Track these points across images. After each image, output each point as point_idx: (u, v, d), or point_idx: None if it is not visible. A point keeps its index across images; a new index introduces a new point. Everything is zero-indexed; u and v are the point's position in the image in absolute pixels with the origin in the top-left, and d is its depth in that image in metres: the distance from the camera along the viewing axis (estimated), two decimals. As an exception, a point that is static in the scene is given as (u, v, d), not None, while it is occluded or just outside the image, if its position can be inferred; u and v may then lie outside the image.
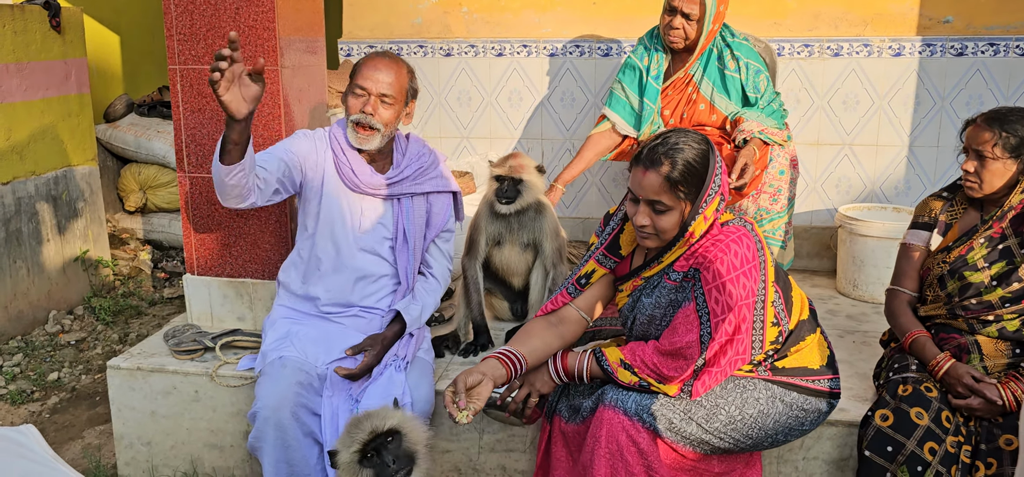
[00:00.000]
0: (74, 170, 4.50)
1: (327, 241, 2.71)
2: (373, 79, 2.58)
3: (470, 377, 2.11)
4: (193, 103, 2.99)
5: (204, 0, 2.90)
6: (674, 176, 2.05)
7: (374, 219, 2.72)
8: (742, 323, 2.09)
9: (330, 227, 2.70)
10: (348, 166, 2.67)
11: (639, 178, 2.10)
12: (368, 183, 2.68)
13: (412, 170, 2.75)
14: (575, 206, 4.54)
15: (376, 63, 2.61)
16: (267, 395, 2.46)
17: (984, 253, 2.42)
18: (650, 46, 3.45)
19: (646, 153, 2.10)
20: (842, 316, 3.56)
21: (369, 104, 2.59)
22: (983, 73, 4.03)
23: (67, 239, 4.46)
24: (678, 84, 3.40)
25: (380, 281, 2.77)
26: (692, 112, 3.39)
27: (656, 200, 2.08)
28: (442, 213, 2.82)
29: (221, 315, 3.20)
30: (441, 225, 2.83)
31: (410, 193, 2.74)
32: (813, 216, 4.31)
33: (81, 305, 4.55)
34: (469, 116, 4.52)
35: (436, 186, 2.79)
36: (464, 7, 4.43)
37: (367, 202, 2.72)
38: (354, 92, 2.61)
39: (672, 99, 3.42)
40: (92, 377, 3.90)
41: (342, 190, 2.70)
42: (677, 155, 2.06)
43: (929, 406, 2.25)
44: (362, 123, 2.60)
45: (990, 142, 2.36)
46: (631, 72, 3.46)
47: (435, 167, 2.81)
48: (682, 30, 3.25)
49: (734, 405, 2.19)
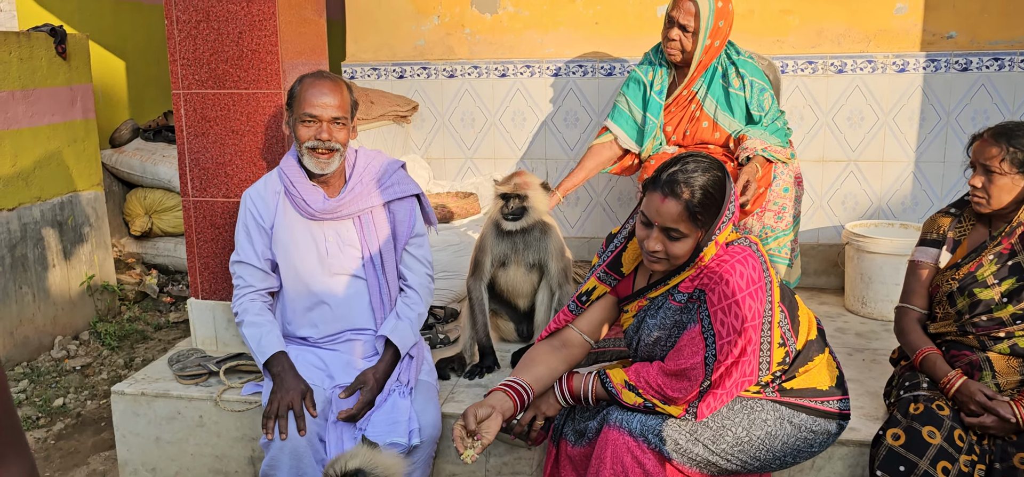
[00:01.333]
0: (80, 195, 4.50)
1: (294, 279, 2.68)
2: (321, 105, 2.53)
3: (480, 410, 2.09)
4: (196, 127, 3.00)
5: (207, 25, 2.91)
6: (694, 205, 2.02)
7: (340, 242, 2.67)
8: (748, 345, 2.07)
9: (293, 266, 2.67)
10: (300, 197, 2.62)
11: (656, 204, 2.06)
12: (322, 208, 2.62)
13: (364, 184, 2.68)
14: (581, 226, 4.53)
15: (321, 87, 2.55)
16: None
17: (994, 270, 2.39)
18: (655, 61, 3.45)
19: (665, 179, 2.06)
20: (851, 334, 3.53)
21: (323, 130, 2.53)
22: (988, 88, 4.02)
23: (73, 264, 4.46)
24: (681, 100, 3.40)
25: (363, 301, 2.71)
26: (695, 129, 3.39)
27: (672, 227, 2.05)
28: (407, 220, 2.73)
29: (226, 339, 3.19)
30: (408, 232, 2.74)
31: (368, 207, 2.68)
32: (820, 233, 4.28)
33: (87, 330, 4.54)
34: (473, 137, 4.52)
35: (395, 193, 2.71)
36: (467, 28, 4.44)
37: (329, 227, 2.67)
38: (303, 121, 2.54)
39: (675, 115, 3.41)
40: (98, 403, 3.89)
41: (299, 222, 2.66)
42: (696, 183, 2.03)
43: (941, 424, 2.21)
44: (319, 148, 2.55)
45: (997, 157, 2.34)
46: (635, 86, 3.45)
47: (390, 174, 2.72)
48: (679, 42, 3.25)
49: (741, 426, 2.16)
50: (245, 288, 2.68)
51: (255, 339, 2.58)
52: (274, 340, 2.57)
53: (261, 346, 2.56)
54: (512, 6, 4.38)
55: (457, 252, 3.71)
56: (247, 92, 2.94)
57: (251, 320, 2.62)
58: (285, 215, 2.66)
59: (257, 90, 2.94)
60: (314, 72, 2.62)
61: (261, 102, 2.95)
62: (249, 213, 2.68)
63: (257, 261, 2.67)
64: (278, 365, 2.51)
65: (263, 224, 2.67)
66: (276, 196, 2.68)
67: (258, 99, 2.94)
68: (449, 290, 3.73)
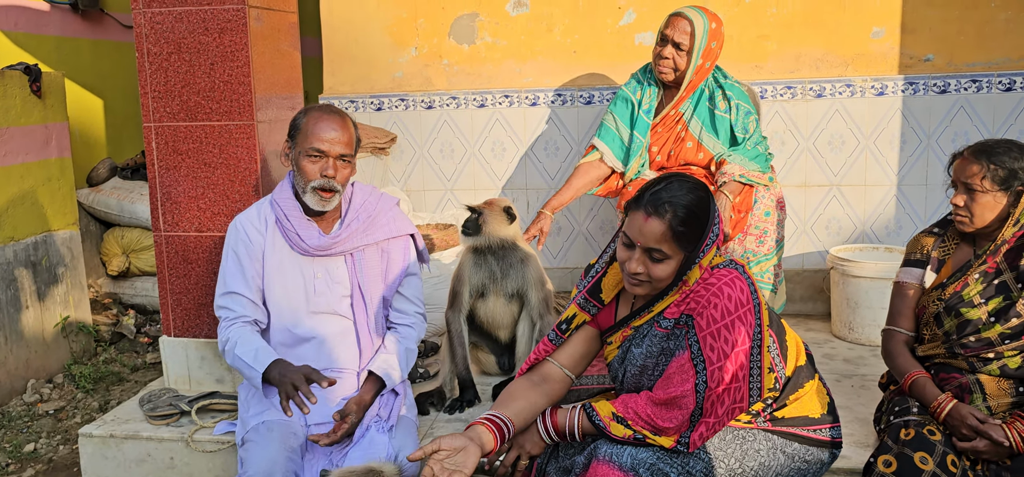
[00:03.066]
0: (54, 235, 4.43)
1: (277, 314, 2.61)
2: (329, 141, 2.47)
3: (455, 441, 2.00)
4: (168, 160, 2.95)
5: (178, 57, 2.87)
6: (677, 225, 1.97)
7: (329, 279, 2.61)
8: (739, 370, 2.01)
9: (278, 301, 2.60)
10: (293, 230, 2.55)
11: (639, 223, 2.00)
12: (317, 245, 2.56)
13: (361, 221, 2.62)
14: (562, 256, 4.49)
15: (329, 122, 2.49)
16: (258, 461, 2.35)
17: (980, 289, 2.36)
18: (643, 80, 3.45)
19: (649, 198, 2.01)
20: (839, 360, 3.49)
21: (330, 167, 2.48)
22: (967, 110, 4.02)
23: (47, 305, 4.37)
24: (668, 121, 3.39)
25: (347, 340, 2.65)
26: (679, 150, 3.37)
27: (655, 248, 1.99)
28: (400, 260, 2.69)
29: (199, 377, 3.11)
30: (402, 272, 2.69)
31: (362, 245, 2.62)
32: (805, 259, 4.26)
33: (61, 373, 4.44)
34: (452, 168, 4.49)
35: (389, 232, 2.66)
36: (445, 59, 4.42)
37: (319, 264, 2.61)
38: (309, 155, 2.47)
39: (661, 136, 3.40)
40: (70, 448, 3.78)
41: (289, 257, 2.60)
42: (680, 202, 1.98)
43: (933, 450, 2.16)
44: (325, 188, 2.49)
45: (978, 175, 2.32)
46: (623, 104, 3.44)
47: (385, 213, 2.68)
48: (672, 60, 3.25)
49: (734, 458, 2.10)
50: (234, 318, 2.57)
51: (249, 354, 2.46)
52: (269, 353, 2.47)
53: (258, 359, 2.45)
54: (490, 36, 4.37)
55: (437, 285, 3.65)
56: (219, 124, 2.90)
57: (243, 339, 2.51)
58: (274, 247, 2.60)
59: (230, 122, 2.89)
60: (321, 105, 2.57)
61: (234, 134, 2.90)
62: (240, 241, 2.59)
63: (248, 292, 2.58)
64: (276, 370, 2.41)
65: (254, 253, 2.59)
66: (267, 225, 2.60)
67: (231, 131, 2.90)
68: (429, 323, 3.66)
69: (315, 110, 2.53)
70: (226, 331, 2.56)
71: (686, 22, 3.21)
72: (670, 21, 3.26)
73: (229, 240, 2.63)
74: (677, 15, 3.24)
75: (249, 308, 2.59)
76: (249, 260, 2.59)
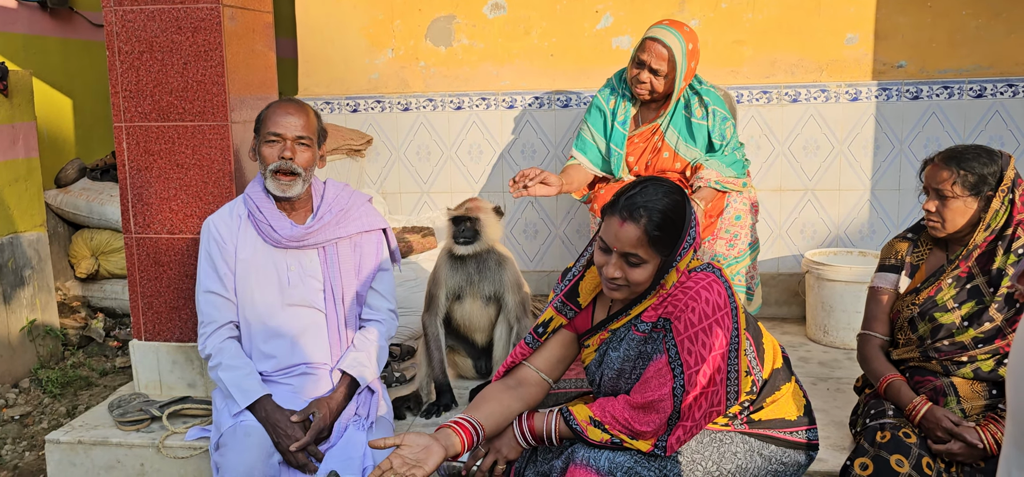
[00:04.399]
0: (21, 237, 4.34)
1: (251, 308, 2.59)
2: (285, 124, 2.51)
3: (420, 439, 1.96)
4: (139, 161, 2.89)
5: (151, 56, 2.82)
6: (652, 230, 1.96)
7: (302, 272, 2.61)
8: (717, 374, 2.01)
9: (251, 294, 2.59)
10: (265, 222, 2.56)
11: (615, 229, 2.00)
12: (289, 236, 2.57)
13: (333, 214, 2.63)
14: (539, 259, 4.48)
15: (285, 108, 2.54)
16: (235, 465, 2.32)
17: (953, 293, 2.38)
18: (617, 89, 3.39)
19: (623, 203, 2.00)
20: (814, 363, 3.51)
21: (287, 149, 2.50)
22: (939, 115, 4.07)
23: (13, 308, 4.28)
24: (645, 134, 3.36)
25: (321, 334, 2.63)
26: (656, 160, 3.35)
27: (631, 252, 1.99)
28: (373, 255, 2.69)
29: (170, 382, 3.06)
30: (375, 267, 2.69)
31: (334, 238, 2.63)
32: (780, 262, 4.28)
33: (28, 377, 4.34)
34: (429, 171, 4.46)
35: (361, 226, 2.66)
36: (421, 61, 4.40)
37: (292, 256, 2.60)
38: (267, 141, 2.51)
39: (638, 146, 3.37)
40: (36, 454, 3.70)
41: (263, 250, 2.59)
42: (655, 207, 1.97)
43: (909, 453, 2.17)
44: (283, 169, 2.51)
45: (949, 181, 2.34)
46: (597, 114, 3.40)
47: (358, 207, 2.69)
48: (649, 84, 3.19)
49: (711, 460, 2.10)
50: (213, 324, 2.59)
51: (234, 382, 2.50)
52: (255, 384, 2.50)
53: (243, 389, 2.48)
54: (467, 38, 4.35)
55: (413, 288, 3.62)
56: (192, 125, 2.85)
57: (228, 363, 2.54)
58: (247, 241, 2.59)
59: (203, 123, 2.85)
60: (281, 99, 2.59)
61: (207, 135, 2.85)
62: (212, 240, 2.60)
63: (223, 290, 2.59)
64: (262, 410, 2.45)
65: (226, 250, 2.59)
66: (239, 221, 2.61)
67: (204, 132, 2.85)
68: (405, 327, 3.64)
69: (275, 102, 2.57)
70: (209, 343, 2.58)
71: (663, 48, 3.11)
72: (646, 45, 3.15)
73: (202, 240, 2.64)
74: (652, 40, 3.13)
75: (226, 309, 2.60)
76: (221, 258, 2.59)
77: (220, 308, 2.59)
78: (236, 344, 2.60)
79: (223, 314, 2.59)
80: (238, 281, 2.59)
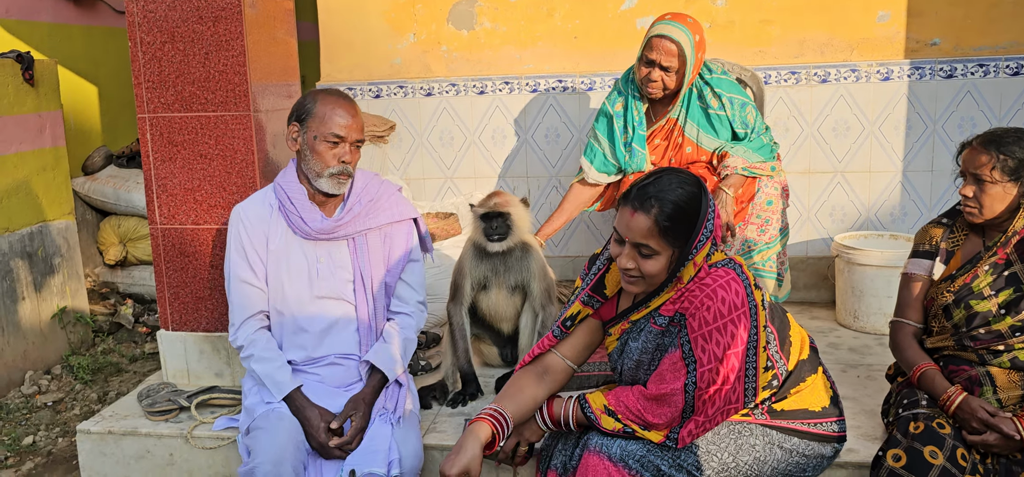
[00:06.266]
0: (50, 225, 4.38)
1: (281, 299, 2.59)
2: (347, 127, 2.50)
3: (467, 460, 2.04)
4: (163, 152, 2.89)
5: (172, 46, 2.81)
6: (663, 220, 1.95)
7: (332, 264, 2.60)
8: (730, 373, 2.00)
9: (281, 286, 2.59)
10: (297, 215, 2.55)
11: (627, 219, 1.99)
12: (320, 228, 2.56)
13: (363, 205, 2.61)
14: (564, 245, 4.44)
15: (346, 108, 2.52)
16: (267, 449, 2.32)
17: (990, 280, 2.32)
18: (625, 91, 3.32)
19: (635, 193, 2.00)
20: (844, 349, 3.45)
21: (347, 153, 2.51)
22: (974, 94, 3.97)
23: (44, 296, 4.33)
24: (663, 131, 3.30)
25: (350, 326, 2.63)
26: (679, 155, 3.29)
27: (643, 243, 1.98)
28: (403, 245, 2.68)
29: (198, 371, 3.07)
30: (404, 256, 2.68)
31: (364, 230, 2.62)
32: (809, 246, 4.21)
33: (59, 364, 4.40)
34: (452, 156, 4.43)
35: (391, 216, 2.65)
36: (443, 46, 4.36)
37: (322, 248, 2.60)
38: (327, 141, 2.49)
39: (659, 147, 3.31)
40: (69, 440, 3.75)
41: (293, 241, 2.59)
42: (667, 197, 1.96)
43: (943, 444, 2.13)
44: (345, 172, 2.52)
45: (987, 165, 2.27)
46: (604, 119, 3.35)
47: (387, 197, 2.67)
48: (661, 82, 3.12)
49: (727, 452, 2.08)
50: (245, 312, 2.59)
51: (266, 374, 2.52)
52: (286, 377, 2.52)
53: (276, 381, 2.51)
54: (489, 22, 4.31)
55: (438, 274, 3.61)
56: (215, 115, 2.84)
57: (260, 354, 2.55)
58: (277, 232, 2.59)
59: (225, 113, 2.84)
60: (330, 90, 2.57)
61: (230, 125, 2.85)
62: (243, 228, 2.60)
63: (255, 279, 2.59)
64: (293, 403, 2.47)
65: (257, 239, 2.59)
66: (270, 210, 2.61)
67: (227, 122, 2.84)
68: (431, 314, 3.63)
69: (329, 96, 2.53)
70: (241, 334, 2.59)
71: (671, 44, 3.04)
72: (653, 44, 3.07)
73: (231, 229, 2.63)
74: (659, 37, 3.06)
75: (258, 297, 2.60)
76: (252, 247, 2.59)
77: (252, 297, 2.59)
78: (267, 335, 2.60)
79: (255, 303, 2.59)
80: (269, 271, 2.59)
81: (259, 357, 2.54)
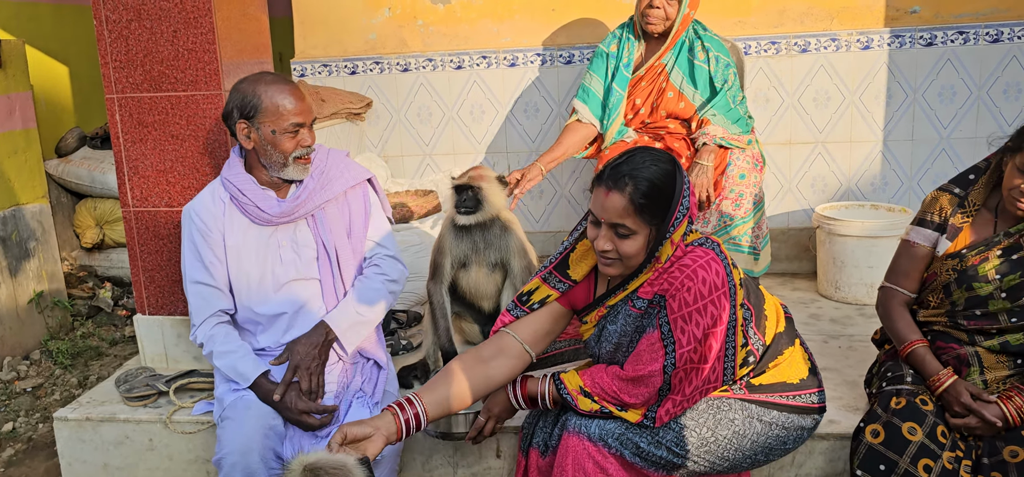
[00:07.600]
0: (23, 209, 4.31)
1: (247, 291, 2.54)
2: (301, 112, 2.44)
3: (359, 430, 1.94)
4: (133, 133, 2.83)
5: (139, 24, 2.74)
6: (638, 198, 1.93)
7: (295, 245, 2.55)
8: (709, 353, 1.99)
9: (246, 277, 2.54)
10: (252, 203, 2.49)
11: (601, 200, 1.97)
12: (279, 212, 2.50)
13: (315, 179, 2.55)
14: (545, 220, 4.42)
15: (292, 93, 2.44)
16: (233, 439, 2.30)
17: (996, 264, 2.23)
18: (621, 35, 3.41)
19: (608, 173, 1.97)
20: (826, 320, 3.46)
21: (306, 136, 2.46)
22: (954, 62, 3.96)
23: (19, 281, 4.27)
24: (652, 72, 3.36)
25: (315, 305, 2.57)
26: (661, 100, 3.35)
27: (619, 223, 1.95)
28: (361, 207, 2.63)
29: (176, 356, 3.04)
30: (364, 217, 2.63)
31: (322, 203, 2.56)
32: (790, 217, 4.21)
33: (38, 349, 4.35)
34: (430, 132, 4.39)
35: (345, 182, 2.59)
36: (420, 19, 4.30)
37: (283, 232, 2.54)
38: (288, 132, 2.42)
39: (644, 89, 3.37)
40: (49, 426, 3.71)
41: (251, 231, 2.53)
42: (641, 174, 1.93)
43: (923, 421, 2.12)
44: (306, 155, 2.48)
45: None
46: (600, 60, 3.42)
47: (336, 165, 2.61)
48: (663, 10, 3.21)
49: (706, 427, 2.08)
50: (204, 315, 2.54)
51: (229, 367, 2.48)
52: (250, 365, 2.47)
53: (239, 372, 2.46)
54: (467, -5, 4.25)
55: (418, 253, 3.58)
56: (185, 95, 2.79)
57: (220, 349, 2.51)
58: (234, 226, 2.53)
59: (196, 92, 2.78)
60: (269, 75, 2.48)
61: (201, 104, 2.79)
62: (196, 229, 2.53)
63: (211, 280, 2.53)
64: (260, 390, 2.43)
65: (212, 238, 2.52)
66: (222, 205, 2.54)
67: (198, 101, 2.79)
68: (411, 293, 3.60)
69: (271, 84, 2.43)
70: (200, 332, 2.55)
71: None
72: None
73: (184, 230, 2.57)
74: None
75: (215, 298, 2.54)
76: (207, 247, 2.53)
77: (208, 299, 2.53)
78: (226, 327, 2.55)
79: (211, 304, 2.54)
80: (230, 267, 2.54)
81: (219, 352, 2.50)
